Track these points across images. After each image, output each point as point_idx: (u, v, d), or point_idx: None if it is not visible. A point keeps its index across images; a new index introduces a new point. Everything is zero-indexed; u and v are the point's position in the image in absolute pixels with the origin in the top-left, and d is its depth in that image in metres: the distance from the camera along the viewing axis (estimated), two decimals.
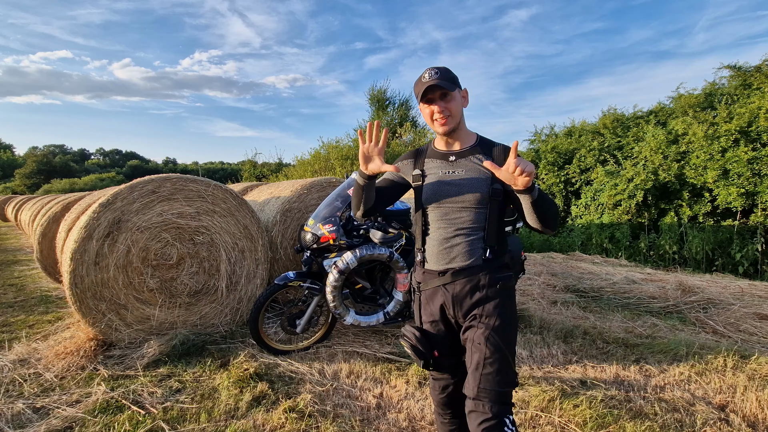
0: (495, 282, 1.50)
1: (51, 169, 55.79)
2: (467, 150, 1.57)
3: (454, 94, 1.51)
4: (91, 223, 3.15)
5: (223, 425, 2.30)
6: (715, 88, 8.73)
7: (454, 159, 1.58)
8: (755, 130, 6.93)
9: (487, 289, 1.50)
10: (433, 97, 1.51)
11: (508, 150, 1.50)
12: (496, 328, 1.46)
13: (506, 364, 1.45)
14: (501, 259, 1.54)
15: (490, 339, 1.45)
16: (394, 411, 2.45)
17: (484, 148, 1.56)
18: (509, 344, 1.48)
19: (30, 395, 2.65)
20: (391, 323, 3.36)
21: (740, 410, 2.39)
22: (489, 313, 1.48)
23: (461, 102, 1.56)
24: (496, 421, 1.39)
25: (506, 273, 1.54)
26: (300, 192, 4.35)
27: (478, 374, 1.44)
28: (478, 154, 1.54)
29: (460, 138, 1.59)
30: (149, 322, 3.40)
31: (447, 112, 1.51)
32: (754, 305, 4.14)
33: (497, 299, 1.50)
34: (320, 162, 12.74)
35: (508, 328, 1.49)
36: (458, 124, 1.55)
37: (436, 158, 1.62)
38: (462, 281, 1.52)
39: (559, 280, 5.32)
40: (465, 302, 1.52)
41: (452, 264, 1.54)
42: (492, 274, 1.51)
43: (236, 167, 37.26)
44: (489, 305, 1.49)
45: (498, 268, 1.52)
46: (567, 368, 2.95)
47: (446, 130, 1.54)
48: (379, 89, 17.87)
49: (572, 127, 10.93)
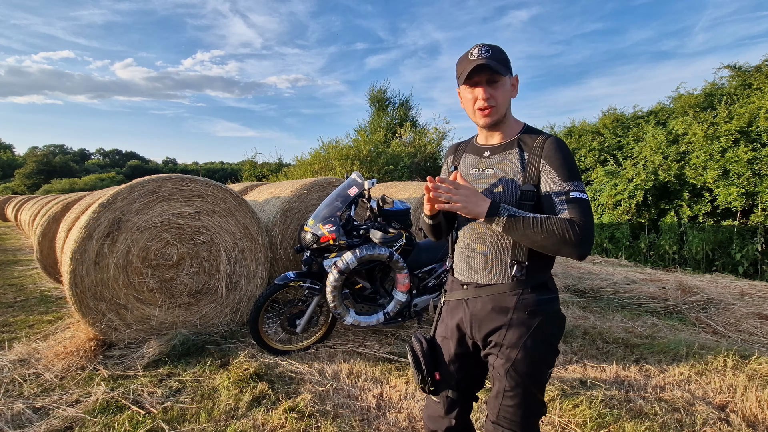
0: (524, 307, 1.25)
1: (51, 169, 55.79)
2: (505, 145, 1.33)
3: (504, 79, 1.26)
4: (91, 223, 3.15)
5: (223, 425, 2.30)
6: (715, 88, 8.73)
7: (488, 155, 1.35)
8: (755, 130, 6.93)
9: (512, 313, 1.26)
10: (479, 80, 1.26)
11: (552, 145, 1.24)
12: (518, 361, 1.24)
13: (529, 397, 1.26)
14: (537, 278, 1.28)
15: (510, 373, 1.25)
16: (394, 411, 2.45)
17: (526, 143, 1.29)
18: (536, 380, 1.27)
19: (30, 395, 2.65)
20: (391, 323, 3.36)
21: (740, 410, 2.39)
22: (511, 344, 1.26)
23: (510, 91, 1.31)
24: None
25: (543, 296, 1.28)
26: (300, 192, 4.35)
27: (498, 403, 1.29)
28: (514, 150, 1.30)
29: (503, 131, 1.34)
30: (149, 322, 3.40)
31: (493, 101, 1.26)
32: (754, 305, 4.14)
33: (524, 327, 1.25)
34: (320, 162, 12.74)
35: (538, 363, 1.26)
36: (503, 117, 1.31)
37: (472, 153, 1.41)
38: (484, 299, 1.31)
39: (559, 280, 5.33)
40: (484, 324, 1.31)
41: (474, 277, 1.35)
42: (521, 297, 1.26)
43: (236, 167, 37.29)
44: (512, 334, 1.26)
45: (532, 288, 1.27)
46: (567, 368, 2.95)
47: (489, 122, 1.30)
48: (379, 89, 17.90)
49: (572, 127, 10.94)
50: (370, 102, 18.26)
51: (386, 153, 13.08)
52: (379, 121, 17.37)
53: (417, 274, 3.46)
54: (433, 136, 14.73)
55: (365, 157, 12.40)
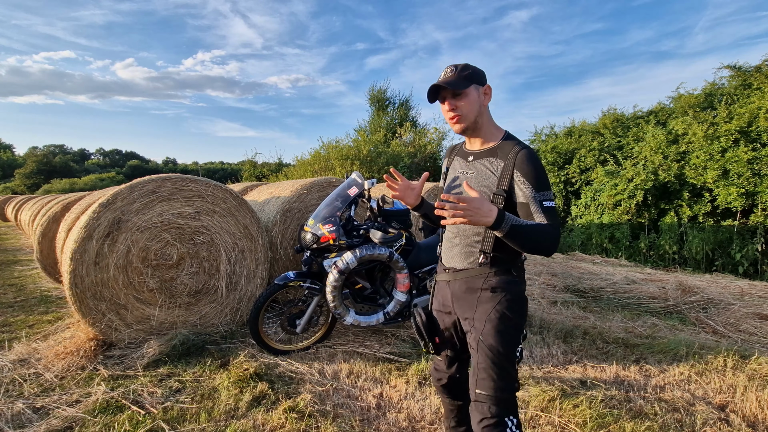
0: (489, 287, 1.48)
1: (51, 169, 55.77)
2: (485, 151, 1.53)
3: (466, 92, 1.46)
4: (91, 223, 3.15)
5: (223, 425, 2.30)
6: (715, 88, 8.72)
7: (472, 159, 1.55)
8: (755, 130, 6.93)
9: (480, 292, 1.49)
10: (445, 95, 1.49)
11: (524, 157, 1.43)
12: (485, 333, 1.45)
13: (501, 371, 1.43)
14: (502, 265, 1.50)
15: (480, 345, 1.46)
16: (394, 411, 2.45)
17: (503, 150, 1.48)
18: (502, 352, 1.44)
19: (30, 395, 2.65)
20: (391, 323, 3.35)
21: (740, 410, 2.39)
22: (479, 318, 1.47)
23: (478, 99, 1.48)
24: (497, 420, 1.39)
25: (506, 277, 1.49)
26: (300, 192, 4.35)
27: (475, 379, 1.46)
28: (491, 157, 1.49)
29: (482, 137, 1.54)
30: (149, 322, 3.40)
31: (458, 110, 1.47)
32: (754, 305, 4.14)
33: (489, 304, 1.47)
34: (320, 162, 12.73)
35: (502, 335, 1.44)
36: (474, 124, 1.50)
37: (460, 157, 1.62)
38: (460, 281, 1.56)
39: (559, 280, 5.33)
40: (462, 303, 1.55)
41: (453, 263, 1.60)
42: (486, 278, 1.49)
43: (236, 167, 37.27)
44: (480, 309, 1.48)
45: (497, 272, 1.49)
46: (567, 368, 2.95)
47: (458, 129, 1.52)
48: (379, 89, 17.89)
49: (572, 127, 10.92)
50: (370, 102, 18.26)
51: (386, 153, 13.07)
52: (379, 121, 17.36)
53: (417, 274, 3.46)
54: (433, 136, 14.72)
55: (365, 157, 12.40)
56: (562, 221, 9.80)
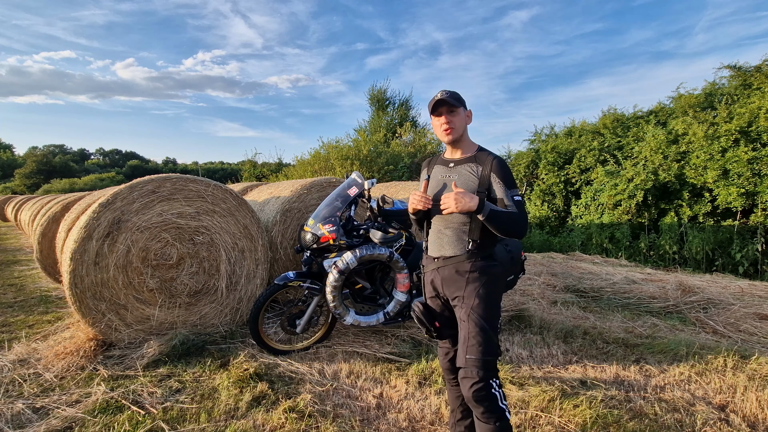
0: (476, 269, 1.78)
1: (51, 169, 55.73)
2: (464, 159, 1.89)
3: (459, 110, 1.85)
4: (91, 223, 3.15)
5: (223, 425, 2.30)
6: (715, 88, 8.72)
7: (453, 166, 1.90)
8: (755, 130, 6.93)
9: (468, 274, 1.79)
10: (442, 111, 1.84)
11: (498, 164, 1.80)
12: (475, 307, 1.74)
13: (487, 337, 1.70)
14: (485, 251, 1.82)
15: (471, 316, 1.73)
16: (394, 411, 2.45)
17: (480, 159, 1.86)
18: (489, 320, 1.73)
19: (30, 395, 2.65)
20: (391, 323, 3.35)
21: (740, 410, 2.39)
22: (469, 295, 1.77)
23: (465, 119, 1.89)
24: (484, 383, 1.64)
25: (489, 262, 1.81)
26: (300, 192, 4.35)
27: (465, 347, 1.72)
28: (471, 164, 1.86)
29: (462, 149, 1.91)
30: (149, 322, 3.40)
31: (452, 123, 1.83)
32: (754, 305, 4.14)
33: (477, 282, 1.77)
34: (320, 162, 12.72)
35: (488, 307, 1.75)
36: (461, 137, 1.88)
37: (441, 164, 1.96)
38: (450, 267, 1.83)
39: (559, 280, 5.32)
40: (451, 284, 1.83)
41: (443, 252, 1.86)
42: (474, 262, 1.79)
43: (236, 167, 37.23)
44: (470, 288, 1.77)
45: (481, 257, 1.80)
46: (567, 368, 2.95)
47: (450, 138, 1.86)
48: (379, 89, 17.90)
49: (572, 127, 10.92)
50: (370, 102, 18.27)
51: (386, 153, 13.07)
52: (379, 121, 17.36)
53: (417, 273, 3.46)
54: (433, 136, 14.73)
55: (365, 157, 12.39)
56: (562, 221, 9.82)
